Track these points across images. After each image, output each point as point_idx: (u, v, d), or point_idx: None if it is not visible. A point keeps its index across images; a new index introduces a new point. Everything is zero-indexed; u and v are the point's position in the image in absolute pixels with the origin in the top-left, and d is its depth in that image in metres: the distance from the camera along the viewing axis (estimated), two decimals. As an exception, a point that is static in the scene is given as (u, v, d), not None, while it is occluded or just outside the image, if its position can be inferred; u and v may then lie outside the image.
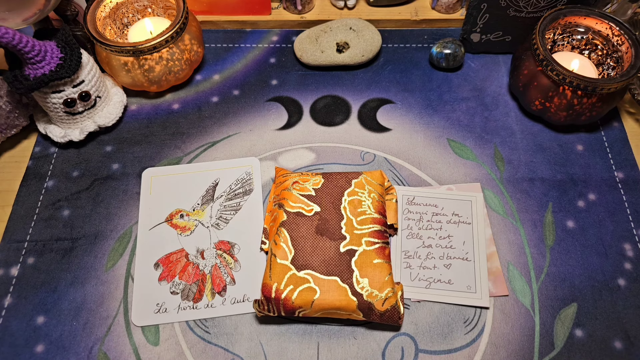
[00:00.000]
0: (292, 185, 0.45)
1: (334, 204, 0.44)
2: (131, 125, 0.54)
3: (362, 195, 0.44)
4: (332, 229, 0.42)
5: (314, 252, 0.41)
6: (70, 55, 0.47)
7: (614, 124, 0.54)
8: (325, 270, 0.40)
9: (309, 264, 0.40)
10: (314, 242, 0.42)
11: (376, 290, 0.40)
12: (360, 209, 0.44)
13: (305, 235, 0.42)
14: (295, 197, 0.44)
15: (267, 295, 0.39)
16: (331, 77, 0.57)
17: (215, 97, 0.56)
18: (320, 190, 0.45)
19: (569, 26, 0.54)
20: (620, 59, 0.51)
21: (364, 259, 0.41)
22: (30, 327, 0.42)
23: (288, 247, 0.41)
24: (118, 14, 0.55)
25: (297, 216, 0.43)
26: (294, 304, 0.39)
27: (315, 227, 0.42)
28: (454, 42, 0.56)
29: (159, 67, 0.52)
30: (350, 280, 0.40)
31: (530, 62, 0.51)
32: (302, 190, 0.44)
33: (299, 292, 0.39)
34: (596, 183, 0.50)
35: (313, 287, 0.39)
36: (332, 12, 0.61)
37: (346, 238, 0.42)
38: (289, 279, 0.40)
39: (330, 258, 0.41)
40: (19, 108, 0.51)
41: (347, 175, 0.46)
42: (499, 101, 0.55)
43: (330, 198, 0.44)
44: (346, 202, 0.44)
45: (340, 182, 0.45)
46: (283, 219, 0.43)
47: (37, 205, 0.48)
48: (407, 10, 0.61)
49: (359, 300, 0.39)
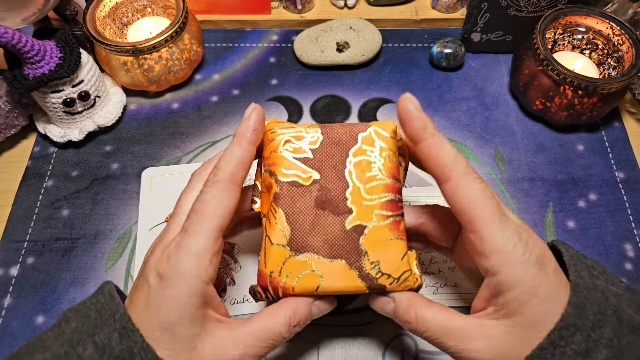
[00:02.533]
0: (283, 145, 0.35)
1: (337, 167, 0.35)
2: (130, 125, 0.54)
3: (372, 155, 0.35)
4: (335, 200, 0.34)
5: (314, 231, 0.34)
6: (70, 55, 0.46)
7: (614, 123, 0.54)
8: (329, 252, 0.33)
9: (308, 245, 0.33)
10: (315, 218, 0.34)
11: (390, 273, 0.33)
12: (370, 172, 0.34)
13: (303, 210, 0.34)
14: (289, 161, 0.35)
15: (264, 285, 0.34)
16: (331, 76, 0.57)
17: (215, 97, 0.56)
18: (319, 150, 0.35)
19: (570, 26, 0.53)
20: (621, 58, 0.51)
21: (375, 237, 0.33)
22: (30, 327, 0.42)
23: (283, 226, 0.33)
24: (117, 13, 0.55)
25: (292, 186, 0.34)
26: (295, 292, 0.33)
27: (314, 199, 0.34)
28: (454, 41, 0.56)
29: (159, 67, 0.52)
30: (359, 263, 0.33)
31: (531, 61, 0.51)
32: (297, 152, 0.35)
33: (300, 279, 0.33)
34: (597, 183, 0.49)
35: (315, 273, 0.33)
36: (332, 11, 0.61)
37: (352, 212, 0.34)
38: (287, 265, 0.33)
39: (334, 237, 0.33)
40: (19, 108, 0.51)
41: (351, 129, 0.36)
42: (499, 101, 0.55)
43: (332, 160, 0.35)
44: (352, 164, 0.35)
45: (343, 137, 0.35)
46: (275, 191, 0.34)
47: (37, 205, 0.48)
48: (407, 9, 0.61)
49: (369, 284, 0.33)
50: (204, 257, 0.29)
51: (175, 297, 0.28)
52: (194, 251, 0.29)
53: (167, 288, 0.28)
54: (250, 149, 0.32)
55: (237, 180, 0.31)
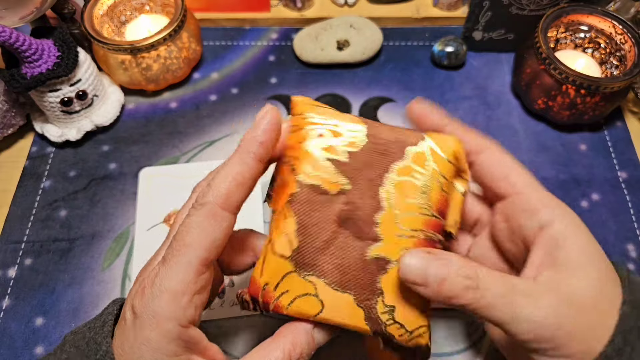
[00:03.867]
0: (314, 138, 0.29)
1: (373, 182, 0.28)
2: (128, 124, 0.53)
3: (421, 179, 0.28)
4: (362, 221, 0.28)
5: (327, 250, 0.28)
6: (68, 54, 0.46)
7: (617, 123, 0.53)
8: (339, 281, 0.27)
9: (317, 266, 0.28)
10: (331, 236, 0.28)
11: (405, 323, 0.27)
12: (412, 200, 0.28)
13: (320, 223, 0.28)
14: (317, 161, 0.28)
15: (254, 295, 0.28)
16: (331, 75, 0.57)
17: (214, 96, 0.55)
18: (358, 155, 0.29)
19: (572, 24, 0.53)
20: (623, 57, 0.51)
21: (398, 278, 0.27)
22: (29, 329, 0.41)
23: (291, 236, 0.28)
24: (115, 12, 0.55)
25: (314, 192, 0.28)
26: (288, 312, 0.28)
27: (337, 214, 0.28)
28: (456, 40, 0.56)
29: (157, 66, 0.52)
30: (370, 302, 0.27)
31: (533, 60, 0.50)
32: (329, 151, 0.28)
33: (297, 301, 0.28)
34: (599, 183, 0.49)
35: (316, 299, 0.27)
36: (332, 9, 0.61)
37: (379, 240, 0.28)
38: (286, 281, 0.28)
39: (349, 264, 0.28)
40: (16, 107, 0.50)
41: (401, 136, 0.29)
42: (501, 100, 0.55)
43: (370, 172, 0.28)
44: (392, 184, 0.28)
45: (390, 147, 0.29)
46: (292, 192, 0.28)
47: (34, 205, 0.48)
48: (408, 7, 0.61)
49: (376, 329, 0.27)
50: (182, 297, 0.24)
51: (147, 342, 0.24)
52: (168, 289, 0.24)
53: (139, 329, 0.24)
54: (254, 166, 0.27)
55: (231, 205, 0.26)
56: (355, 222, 0.28)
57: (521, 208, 0.29)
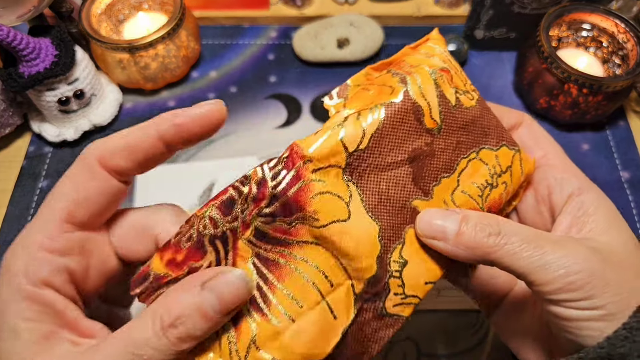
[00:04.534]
0: (440, 66, 0.27)
1: (459, 145, 0.27)
2: (126, 123, 0.53)
3: (495, 173, 0.28)
4: (429, 171, 0.27)
5: (383, 172, 0.26)
6: (65, 53, 0.46)
7: (619, 122, 0.53)
8: (374, 205, 0.26)
9: (364, 177, 0.25)
10: (396, 162, 0.26)
11: (407, 283, 0.26)
12: (476, 184, 0.28)
13: (396, 144, 0.26)
14: (429, 84, 0.26)
15: (292, 157, 0.26)
16: (332, 74, 0.56)
17: (212, 94, 0.55)
18: (465, 113, 0.27)
19: (574, 23, 0.53)
20: (626, 56, 0.50)
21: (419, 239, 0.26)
22: (25, 331, 0.41)
23: (367, 131, 0.25)
24: (114, 10, 0.54)
25: (412, 110, 0.26)
26: (311, 203, 0.24)
27: (414, 148, 0.26)
28: (457, 38, 0.56)
29: (155, 64, 0.51)
30: (390, 245, 0.25)
31: (535, 59, 0.50)
32: (445, 87, 0.27)
33: (327, 196, 0.25)
34: (602, 183, 0.48)
35: (345, 208, 0.25)
36: (332, 7, 0.60)
37: (428, 196, 0.27)
38: (330, 171, 0.25)
39: (392, 197, 0.26)
40: (13, 106, 0.50)
41: (502, 131, 0.29)
42: (503, 99, 0.54)
43: (462, 135, 0.27)
44: (472, 160, 0.28)
45: (491, 131, 0.28)
46: (391, 99, 0.25)
47: (32, 205, 0.47)
48: (409, 6, 0.60)
49: (379, 273, 0.25)
50: (36, 251, 0.21)
51: (0, 300, 0.21)
52: (23, 240, 0.22)
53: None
54: (153, 142, 0.24)
55: (113, 167, 0.23)
56: (422, 167, 0.26)
57: (553, 176, 0.29)
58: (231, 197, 0.24)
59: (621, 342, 0.22)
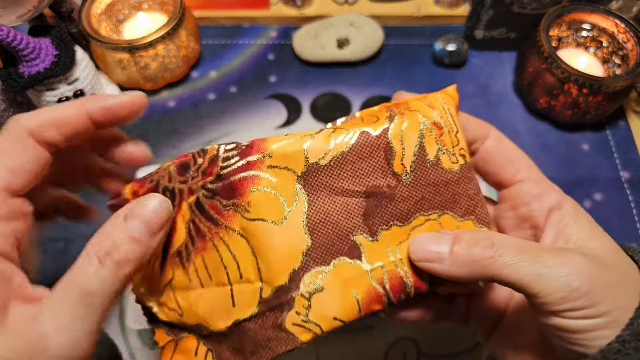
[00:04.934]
0: (429, 123, 0.27)
1: (422, 202, 0.27)
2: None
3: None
4: (384, 214, 0.26)
5: (337, 192, 0.26)
6: (65, 53, 0.46)
7: (619, 122, 0.53)
8: (314, 222, 0.26)
9: (325, 187, 0.26)
10: (354, 191, 0.26)
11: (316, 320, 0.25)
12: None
13: (364, 171, 0.26)
14: (417, 130, 0.26)
15: None
16: (332, 74, 0.56)
17: (212, 95, 0.55)
18: (439, 172, 0.27)
19: (574, 23, 0.53)
20: (626, 56, 0.50)
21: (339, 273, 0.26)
22: (24, 331, 0.41)
23: (334, 150, 0.26)
24: (114, 10, 0.54)
25: (385, 149, 0.26)
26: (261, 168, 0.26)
27: (374, 185, 0.26)
28: (457, 38, 0.56)
29: (155, 64, 0.51)
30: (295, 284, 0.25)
31: (535, 59, 0.50)
32: (429, 141, 0.27)
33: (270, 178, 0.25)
34: (602, 183, 0.49)
35: (283, 206, 0.26)
36: (332, 7, 0.60)
37: (375, 236, 0.26)
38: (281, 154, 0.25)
39: (336, 222, 0.26)
40: (14, 106, 0.50)
41: (467, 197, 0.28)
42: (503, 99, 0.54)
43: (429, 192, 0.27)
44: (425, 222, 0.27)
45: (459, 200, 0.28)
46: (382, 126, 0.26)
47: (32, 205, 0.47)
48: (409, 6, 0.60)
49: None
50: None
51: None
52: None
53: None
54: (81, 120, 0.25)
55: (42, 138, 0.24)
56: (377, 207, 0.26)
57: (529, 193, 0.29)
58: (187, 162, 0.26)
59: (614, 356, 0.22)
